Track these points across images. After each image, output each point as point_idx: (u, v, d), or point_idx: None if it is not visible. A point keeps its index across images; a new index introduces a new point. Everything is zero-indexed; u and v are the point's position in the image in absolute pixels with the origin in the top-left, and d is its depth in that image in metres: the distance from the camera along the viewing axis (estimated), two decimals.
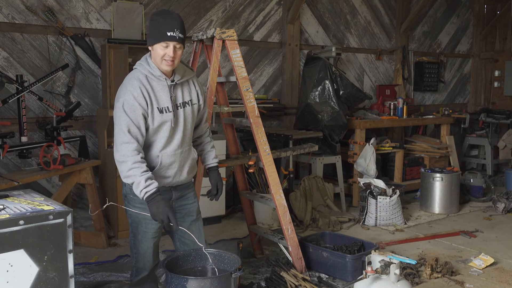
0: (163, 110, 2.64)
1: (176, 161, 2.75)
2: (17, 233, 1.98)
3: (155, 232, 2.83)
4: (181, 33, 2.57)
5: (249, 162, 3.80)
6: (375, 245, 3.85)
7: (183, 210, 2.91)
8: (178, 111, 2.72)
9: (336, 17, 6.83)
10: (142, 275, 2.91)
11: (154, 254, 2.90)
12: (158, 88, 2.64)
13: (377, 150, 5.88)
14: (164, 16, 2.58)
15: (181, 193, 2.88)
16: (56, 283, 2.09)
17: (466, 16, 8.62)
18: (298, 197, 5.17)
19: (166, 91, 2.66)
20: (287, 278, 3.47)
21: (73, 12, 4.81)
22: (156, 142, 2.68)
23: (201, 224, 3.01)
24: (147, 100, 2.58)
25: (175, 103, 2.70)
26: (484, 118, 7.48)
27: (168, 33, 2.53)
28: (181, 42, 2.59)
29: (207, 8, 5.67)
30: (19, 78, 4.15)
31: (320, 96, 5.84)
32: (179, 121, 2.72)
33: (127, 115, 2.53)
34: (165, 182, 2.76)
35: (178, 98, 2.72)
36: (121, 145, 2.53)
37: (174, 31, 2.53)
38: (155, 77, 2.64)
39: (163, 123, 2.65)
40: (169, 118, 2.66)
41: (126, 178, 2.55)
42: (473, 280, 3.74)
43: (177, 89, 2.73)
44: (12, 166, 4.53)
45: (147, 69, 2.64)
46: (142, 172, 2.51)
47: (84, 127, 4.85)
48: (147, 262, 2.88)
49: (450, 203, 5.66)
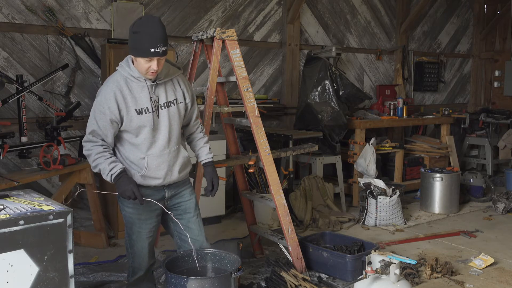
0: (142, 111, 2.64)
1: (164, 161, 2.74)
2: (17, 233, 1.98)
3: (149, 232, 2.85)
4: (164, 46, 2.53)
5: (249, 162, 3.80)
6: (375, 245, 3.85)
7: (180, 207, 2.90)
8: (162, 111, 2.69)
9: (336, 17, 6.83)
10: (138, 274, 2.93)
11: (150, 254, 2.92)
12: (137, 89, 2.64)
13: (377, 150, 5.88)
14: (146, 30, 2.50)
15: (175, 191, 2.87)
16: (56, 283, 2.09)
17: (466, 16, 8.61)
18: (298, 197, 5.17)
19: (146, 91, 2.65)
20: (287, 278, 3.47)
21: (73, 12, 4.81)
22: (141, 145, 2.69)
23: (201, 221, 2.99)
24: (119, 103, 2.60)
25: (158, 103, 2.68)
26: (484, 118, 7.48)
27: (152, 50, 2.49)
28: (165, 54, 2.57)
29: (207, 8, 5.67)
30: (19, 78, 4.15)
31: (320, 96, 5.84)
32: (163, 121, 2.70)
33: (95, 118, 2.63)
34: (156, 182, 2.76)
35: (161, 98, 2.70)
36: (85, 143, 2.69)
37: (158, 47, 2.50)
38: (134, 78, 2.64)
39: (143, 125, 2.65)
40: (149, 118, 2.65)
41: (94, 168, 2.67)
42: (473, 280, 3.74)
43: (160, 89, 2.70)
44: (12, 166, 4.53)
45: (127, 71, 2.65)
46: (105, 159, 2.62)
47: (84, 127, 4.78)
48: (143, 262, 2.90)
49: (450, 203, 5.66)
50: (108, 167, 2.60)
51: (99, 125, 2.62)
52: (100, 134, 2.64)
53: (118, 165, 2.63)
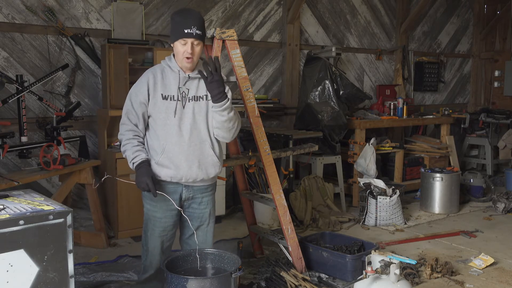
0: (168, 98, 2.74)
1: (182, 152, 2.73)
2: (17, 233, 1.98)
3: (163, 231, 2.86)
4: (198, 30, 2.66)
5: (249, 162, 3.80)
6: (375, 245, 3.85)
7: (194, 213, 2.90)
8: (188, 103, 2.76)
9: (336, 17, 6.83)
10: (148, 273, 2.94)
11: (162, 254, 2.91)
12: (170, 78, 2.77)
13: (377, 150, 5.88)
14: (182, 14, 2.70)
15: (193, 194, 2.86)
16: (56, 283, 2.09)
17: (466, 16, 8.62)
18: (298, 197, 5.17)
19: (177, 81, 2.76)
20: (287, 278, 3.47)
21: (73, 12, 4.81)
22: (164, 132, 2.74)
23: (210, 230, 2.98)
24: (149, 87, 2.73)
25: (187, 95, 2.76)
26: (484, 118, 7.48)
27: (185, 31, 2.64)
28: (199, 38, 2.69)
29: (207, 8, 5.67)
30: (19, 78, 4.15)
31: (320, 96, 5.84)
32: (187, 112, 2.76)
33: (130, 100, 2.77)
34: (169, 174, 2.75)
35: (191, 91, 2.78)
36: (120, 126, 2.81)
37: (191, 28, 2.64)
38: (171, 68, 2.78)
39: (166, 110, 2.72)
40: (172, 105, 2.73)
41: (123, 153, 2.79)
42: (473, 280, 3.74)
43: (192, 83, 2.79)
44: (12, 166, 4.53)
45: (167, 62, 2.81)
46: (132, 147, 2.73)
47: (84, 127, 4.85)
48: (154, 261, 2.91)
49: (450, 203, 5.66)
50: (132, 155, 2.72)
51: (133, 106, 2.75)
52: (133, 115, 2.75)
53: (141, 154, 2.71)
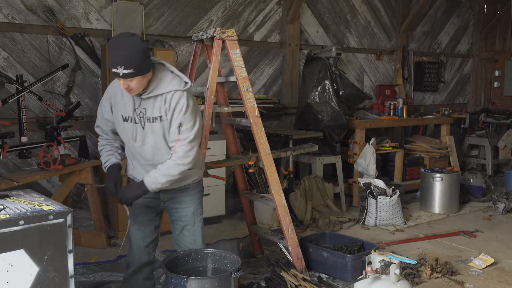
0: (128, 119, 2.66)
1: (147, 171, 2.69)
2: (17, 233, 1.98)
3: (142, 226, 2.89)
4: (126, 69, 2.39)
5: (249, 162, 3.79)
6: (375, 245, 3.85)
7: (175, 213, 2.89)
8: (148, 124, 2.62)
9: (336, 17, 6.83)
10: (131, 268, 2.96)
11: (142, 249, 2.93)
12: (127, 97, 2.63)
13: (377, 150, 5.88)
14: (111, 48, 2.45)
15: (172, 194, 2.85)
16: (56, 283, 2.09)
17: (466, 16, 8.61)
18: (298, 197, 5.17)
19: (132, 102, 2.63)
20: (287, 278, 3.47)
21: (73, 12, 4.81)
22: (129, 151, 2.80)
23: (197, 230, 2.90)
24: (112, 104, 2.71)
25: (145, 115, 2.60)
26: (484, 118, 7.48)
27: (113, 70, 2.44)
28: (129, 76, 2.43)
29: (207, 8, 5.67)
30: (19, 78, 4.15)
31: (320, 96, 5.84)
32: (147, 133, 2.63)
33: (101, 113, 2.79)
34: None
35: (148, 111, 2.60)
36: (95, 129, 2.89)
37: (117, 68, 2.40)
38: None
39: (127, 133, 2.68)
40: (131, 127, 2.65)
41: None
42: (473, 280, 3.74)
43: (148, 103, 2.59)
44: (12, 166, 4.53)
45: None
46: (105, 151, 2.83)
47: (84, 127, 4.84)
48: (134, 256, 2.94)
49: (450, 203, 5.66)
50: (103, 160, 2.81)
51: (102, 119, 2.80)
52: (104, 126, 2.81)
53: (110, 159, 2.78)
